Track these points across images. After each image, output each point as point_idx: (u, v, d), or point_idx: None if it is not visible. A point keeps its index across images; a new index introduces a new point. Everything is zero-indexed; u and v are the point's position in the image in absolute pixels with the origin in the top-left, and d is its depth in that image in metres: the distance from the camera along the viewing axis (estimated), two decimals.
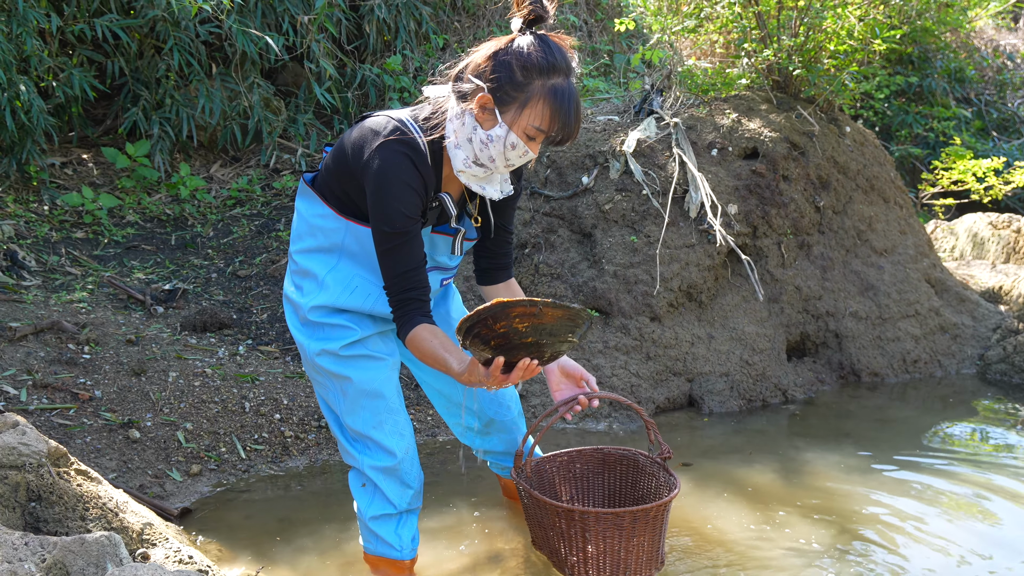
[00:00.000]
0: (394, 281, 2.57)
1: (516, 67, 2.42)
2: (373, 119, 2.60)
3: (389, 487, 2.79)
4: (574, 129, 2.49)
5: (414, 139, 2.53)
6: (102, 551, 2.21)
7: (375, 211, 2.52)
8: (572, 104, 2.46)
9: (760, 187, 4.92)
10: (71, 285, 5.01)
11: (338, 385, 2.76)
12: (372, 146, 2.53)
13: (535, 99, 2.45)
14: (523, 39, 2.46)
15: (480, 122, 2.50)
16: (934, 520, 3.39)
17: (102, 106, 6.83)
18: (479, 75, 2.47)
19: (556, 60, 2.44)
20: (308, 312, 2.73)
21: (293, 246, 2.83)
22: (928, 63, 8.30)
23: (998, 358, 5.08)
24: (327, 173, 2.71)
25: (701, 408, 4.55)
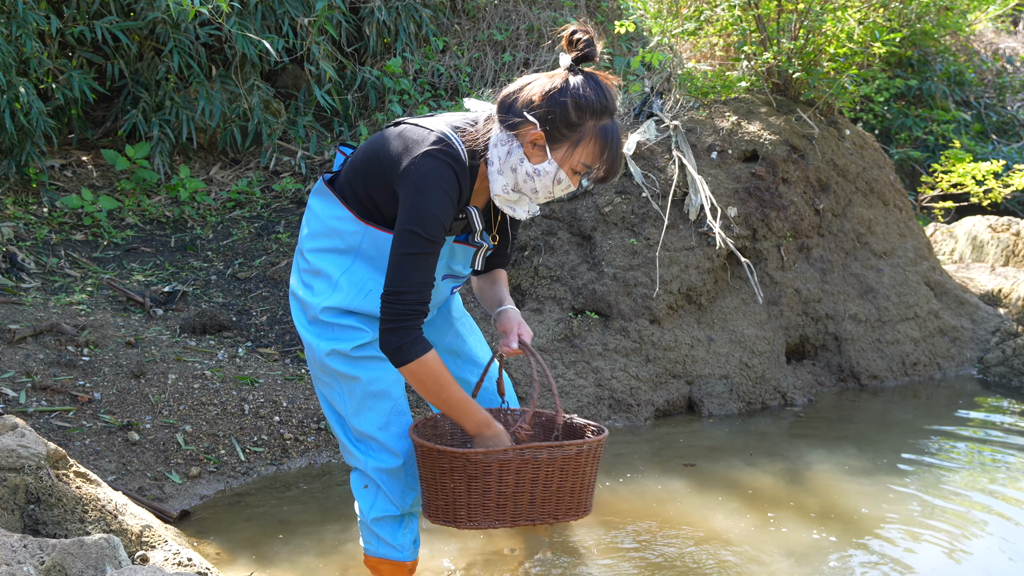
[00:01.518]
0: (410, 292, 2.50)
1: (571, 108, 2.47)
2: (413, 129, 2.58)
3: (392, 488, 2.77)
4: (618, 167, 2.56)
5: (457, 152, 2.53)
6: (101, 553, 2.20)
7: (411, 213, 2.49)
8: (618, 144, 2.53)
9: (760, 190, 4.93)
10: (70, 287, 5.01)
11: (345, 386, 2.73)
12: (414, 154, 2.51)
13: (587, 139, 2.51)
14: (576, 79, 2.51)
15: (528, 155, 2.53)
16: (935, 522, 3.39)
17: (102, 108, 6.83)
18: (532, 110, 2.51)
19: (607, 102, 2.51)
20: (320, 312, 2.70)
21: (305, 244, 2.78)
22: (928, 66, 8.30)
23: (997, 361, 5.08)
24: (351, 175, 2.69)
25: (701, 411, 4.55)
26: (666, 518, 3.43)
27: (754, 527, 3.35)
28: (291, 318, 4.87)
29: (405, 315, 2.49)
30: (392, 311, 2.49)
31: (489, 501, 2.52)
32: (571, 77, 2.51)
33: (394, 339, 2.50)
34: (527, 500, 2.52)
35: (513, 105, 2.53)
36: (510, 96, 2.55)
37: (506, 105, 2.54)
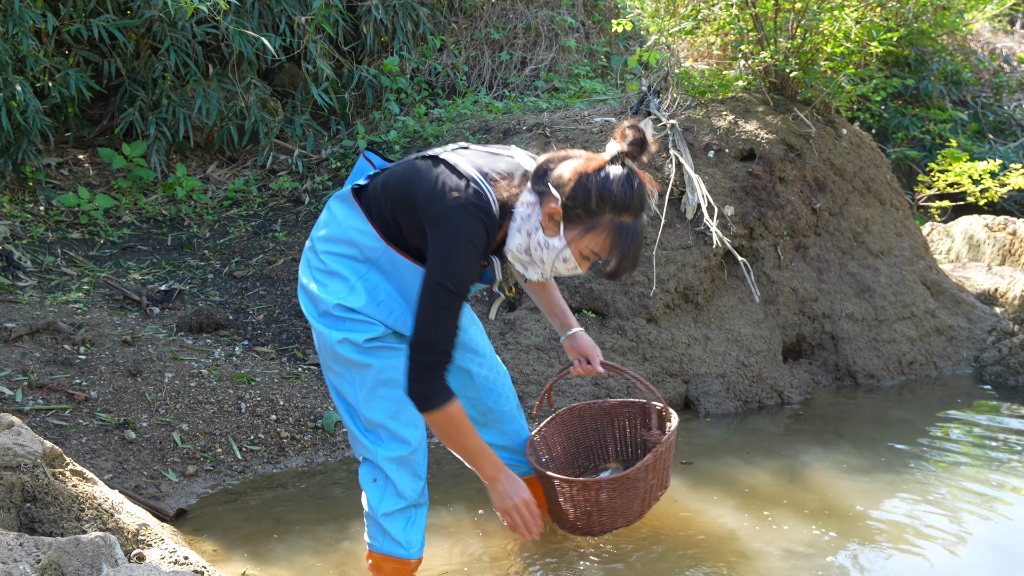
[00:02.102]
0: (439, 339, 2.59)
1: (594, 195, 2.51)
2: (449, 175, 2.59)
3: (401, 478, 2.77)
4: (629, 266, 2.58)
5: (489, 205, 2.57)
6: (97, 552, 2.20)
7: (442, 267, 2.54)
8: (633, 244, 2.55)
9: (757, 189, 4.93)
10: (67, 286, 5.00)
11: (356, 373, 2.74)
12: (448, 203, 2.53)
13: (600, 229, 2.54)
14: (613, 169, 2.53)
15: (543, 227, 2.58)
16: (931, 521, 3.39)
17: (98, 106, 6.82)
18: (558, 186, 2.55)
19: (632, 200, 2.52)
20: (332, 308, 2.73)
21: (320, 245, 2.79)
22: (925, 65, 8.31)
23: (993, 360, 5.09)
24: (381, 195, 2.70)
25: (697, 409, 4.55)
26: (663, 516, 3.43)
27: (751, 525, 3.36)
28: (287, 317, 4.87)
29: (432, 365, 2.59)
30: (419, 361, 2.58)
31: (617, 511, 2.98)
32: (609, 166, 2.55)
33: (420, 387, 2.60)
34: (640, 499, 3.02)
35: (546, 173, 2.58)
36: (548, 163, 2.61)
37: (541, 170, 2.60)
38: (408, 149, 6.20)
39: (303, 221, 5.93)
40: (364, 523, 3.34)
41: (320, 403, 4.19)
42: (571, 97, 7.00)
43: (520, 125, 5.50)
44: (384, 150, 6.37)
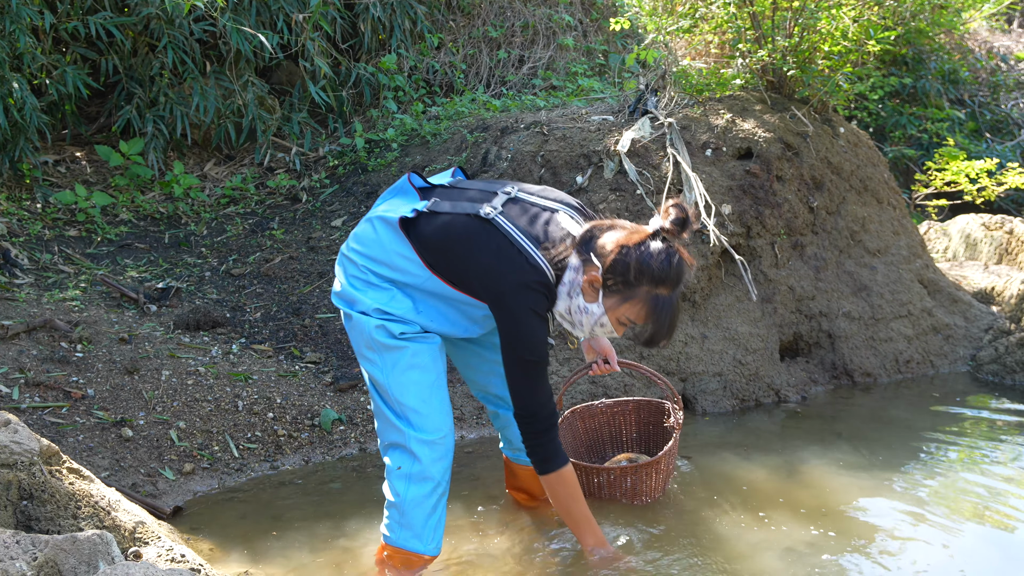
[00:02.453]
0: (540, 407, 2.78)
1: (633, 267, 2.65)
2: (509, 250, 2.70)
3: (431, 459, 2.83)
4: (664, 336, 2.73)
5: (548, 280, 2.71)
6: (94, 549, 2.20)
7: (518, 341, 2.71)
8: (668, 316, 2.70)
9: (754, 187, 4.93)
10: (64, 283, 5.00)
11: (389, 357, 2.83)
12: (510, 283, 2.68)
13: (637, 300, 2.69)
14: (654, 244, 2.67)
15: (583, 291, 2.71)
16: (928, 519, 3.39)
17: (96, 104, 6.81)
18: (601, 255, 2.68)
19: (670, 275, 2.66)
20: (371, 310, 2.83)
21: (359, 259, 2.89)
22: (922, 64, 8.31)
23: (990, 359, 5.09)
24: (434, 243, 2.78)
25: (695, 408, 4.55)
26: (662, 513, 3.43)
27: (748, 522, 3.36)
28: (285, 315, 4.87)
29: (542, 432, 2.80)
30: (530, 431, 2.81)
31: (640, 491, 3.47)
32: (650, 241, 2.68)
33: (539, 452, 2.83)
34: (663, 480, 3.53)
35: (591, 242, 2.71)
36: (594, 229, 2.74)
37: (586, 238, 2.73)
38: (406, 147, 6.20)
39: (300, 219, 5.93)
40: (361, 520, 3.34)
41: (317, 401, 4.19)
42: (569, 95, 6.99)
43: (518, 123, 5.50)
44: (382, 148, 6.37)
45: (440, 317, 2.89)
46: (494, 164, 5.25)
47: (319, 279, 5.19)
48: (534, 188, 2.92)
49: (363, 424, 4.15)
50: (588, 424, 3.88)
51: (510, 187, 2.88)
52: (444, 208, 2.80)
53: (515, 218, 2.76)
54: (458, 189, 2.91)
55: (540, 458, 2.84)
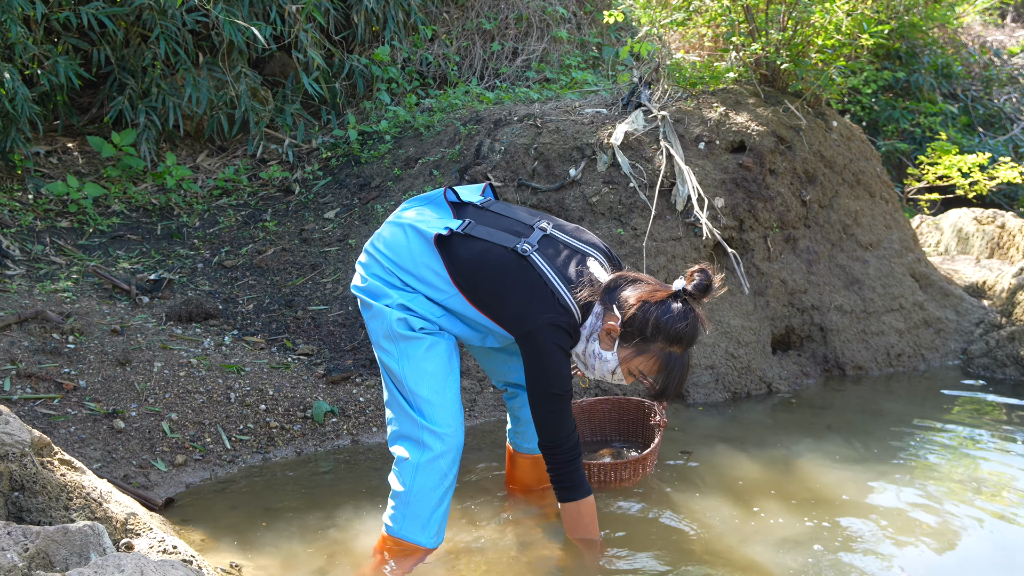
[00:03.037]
0: (565, 438, 2.87)
1: (651, 324, 2.75)
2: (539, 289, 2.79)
3: (441, 450, 2.87)
4: (672, 391, 2.83)
5: (575, 319, 2.80)
6: (85, 541, 2.20)
7: (545, 376, 2.80)
8: (679, 372, 2.80)
9: (747, 181, 4.94)
10: (55, 275, 4.99)
11: (406, 346, 2.88)
12: (540, 322, 2.77)
13: (651, 355, 2.79)
14: (675, 304, 2.77)
15: (600, 339, 2.82)
16: (919, 511, 3.41)
17: (88, 95, 6.79)
18: (622, 307, 2.76)
19: (685, 335, 2.77)
20: (395, 305, 2.89)
21: (386, 261, 2.94)
22: (915, 58, 8.32)
23: (981, 352, 5.11)
24: (468, 267, 2.85)
25: (686, 400, 4.56)
26: (652, 504, 3.45)
27: (740, 514, 3.37)
28: (277, 307, 4.87)
29: (567, 462, 2.90)
30: (556, 461, 2.90)
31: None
32: (672, 301, 2.78)
33: (563, 481, 2.93)
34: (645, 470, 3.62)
35: (615, 292, 2.81)
36: (620, 279, 2.83)
37: (611, 287, 2.82)
38: (399, 139, 6.19)
39: (293, 211, 5.92)
40: (353, 511, 3.35)
41: (310, 393, 4.19)
42: (562, 88, 6.99)
43: (511, 116, 5.49)
44: (375, 140, 6.36)
45: (460, 326, 2.98)
46: (487, 157, 5.25)
47: (312, 271, 5.18)
48: (569, 227, 3.01)
49: (355, 416, 4.15)
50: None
51: (545, 223, 2.96)
52: (480, 234, 2.88)
53: (550, 257, 2.84)
54: (492, 214, 2.99)
55: (564, 487, 2.94)
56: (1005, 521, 3.38)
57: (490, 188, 3.17)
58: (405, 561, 2.90)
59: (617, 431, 3.99)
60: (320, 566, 3.05)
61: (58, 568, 2.13)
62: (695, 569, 3.03)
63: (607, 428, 3.99)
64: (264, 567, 3.02)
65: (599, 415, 3.98)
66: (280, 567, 3.04)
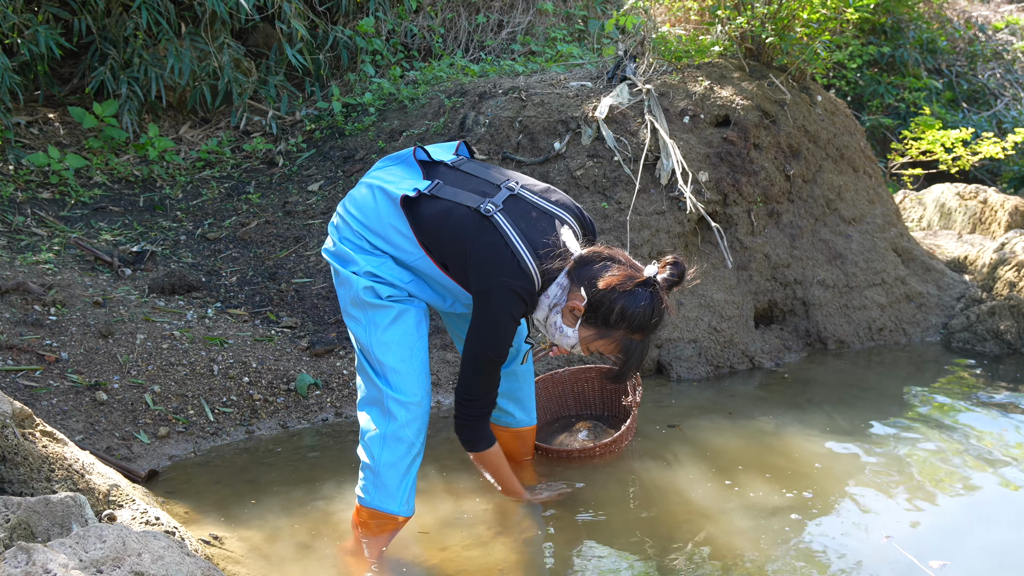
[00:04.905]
0: (483, 393, 2.90)
1: (616, 311, 2.70)
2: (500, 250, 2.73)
3: (406, 419, 2.87)
4: (629, 375, 2.85)
5: (533, 285, 2.76)
6: (67, 512, 2.21)
7: (485, 338, 2.79)
8: (638, 356, 2.80)
9: (731, 155, 4.94)
10: (37, 246, 4.96)
11: (374, 316, 2.88)
12: (497, 282, 2.73)
13: (612, 338, 2.77)
14: (643, 292, 2.71)
15: (564, 314, 2.79)
16: (899, 482, 3.45)
17: (69, 65, 6.72)
18: (590, 287, 2.72)
19: (649, 324, 2.73)
20: (362, 272, 2.88)
21: (355, 224, 2.92)
22: (901, 33, 8.32)
23: (961, 327, 5.15)
24: (431, 227, 2.82)
25: (669, 374, 4.59)
26: (634, 477, 3.47)
27: (720, 486, 3.40)
28: (261, 279, 4.86)
29: (474, 416, 2.94)
30: (466, 412, 2.93)
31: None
32: (640, 287, 2.71)
33: (469, 433, 2.98)
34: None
35: (585, 270, 2.74)
36: (592, 255, 2.76)
37: (582, 263, 2.76)
38: (383, 112, 6.16)
39: (277, 183, 5.89)
40: (336, 484, 3.36)
41: (293, 366, 4.19)
42: (548, 61, 6.96)
43: (496, 89, 5.47)
44: (359, 112, 6.33)
45: (428, 291, 2.96)
46: (472, 129, 5.23)
47: (295, 244, 5.17)
48: (538, 187, 2.93)
49: (339, 389, 4.15)
50: (552, 391, 3.97)
51: (513, 182, 2.89)
52: (446, 195, 2.83)
53: (515, 219, 2.78)
54: (462, 173, 2.93)
55: (468, 438, 2.99)
56: (985, 488, 3.43)
57: (464, 146, 3.10)
58: (383, 531, 2.91)
59: (601, 401, 4.00)
60: (303, 538, 3.06)
61: (40, 539, 2.14)
62: (676, 538, 3.05)
63: (589, 397, 4.01)
64: (247, 539, 3.04)
65: (582, 383, 4.00)
66: (263, 539, 3.05)
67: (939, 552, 2.96)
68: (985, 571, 2.91)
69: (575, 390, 4.00)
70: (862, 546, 3.04)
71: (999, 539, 3.09)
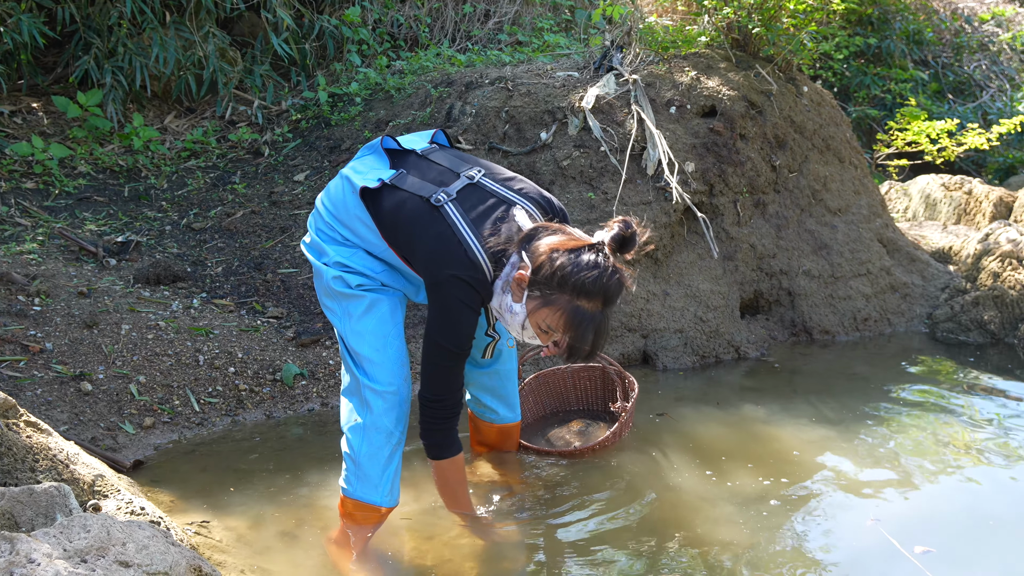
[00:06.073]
0: (449, 395, 2.78)
1: (558, 274, 2.55)
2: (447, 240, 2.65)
3: (382, 409, 2.84)
4: (582, 351, 2.62)
5: (484, 274, 2.64)
6: (51, 501, 2.20)
7: (443, 329, 2.69)
8: (589, 330, 2.59)
9: (717, 145, 4.95)
10: (21, 236, 4.93)
11: (348, 306, 2.85)
12: (446, 271, 2.63)
13: (557, 308, 2.58)
14: (588, 255, 2.56)
15: (512, 290, 2.65)
16: (880, 472, 3.47)
17: (52, 54, 6.68)
18: (533, 255, 2.60)
19: (593, 288, 2.54)
20: (332, 263, 2.85)
21: (329, 217, 2.90)
22: (887, 24, 8.34)
23: (945, 317, 5.17)
24: (389, 217, 2.76)
25: (655, 364, 4.60)
26: (618, 466, 3.48)
27: (704, 475, 3.41)
28: (246, 270, 4.85)
29: (444, 418, 2.81)
30: (432, 415, 2.81)
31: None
32: (587, 252, 2.57)
33: (437, 437, 2.85)
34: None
35: (530, 240, 2.63)
36: (539, 229, 2.65)
37: (528, 236, 2.64)
38: (369, 102, 6.15)
39: (262, 173, 5.87)
40: (321, 473, 3.36)
41: (279, 356, 4.18)
42: (534, 51, 6.95)
43: (482, 79, 5.46)
44: (345, 102, 6.31)
45: (401, 280, 2.93)
46: (458, 120, 5.22)
47: (281, 234, 5.15)
48: (502, 175, 2.85)
49: (325, 379, 4.15)
50: (553, 387, 3.97)
51: (475, 171, 2.81)
52: (406, 185, 2.77)
53: (467, 208, 2.70)
54: (428, 162, 2.86)
55: (435, 443, 2.86)
56: (970, 475, 3.45)
57: (441, 133, 3.03)
58: (368, 522, 2.91)
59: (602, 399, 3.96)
60: (288, 527, 3.06)
61: (24, 529, 2.13)
62: (663, 526, 3.07)
63: (591, 396, 3.98)
64: (232, 528, 3.03)
65: (585, 380, 3.97)
66: (248, 528, 3.05)
67: (923, 538, 2.98)
68: (967, 557, 2.93)
69: (577, 387, 3.98)
70: (847, 532, 3.06)
71: (983, 526, 3.11)
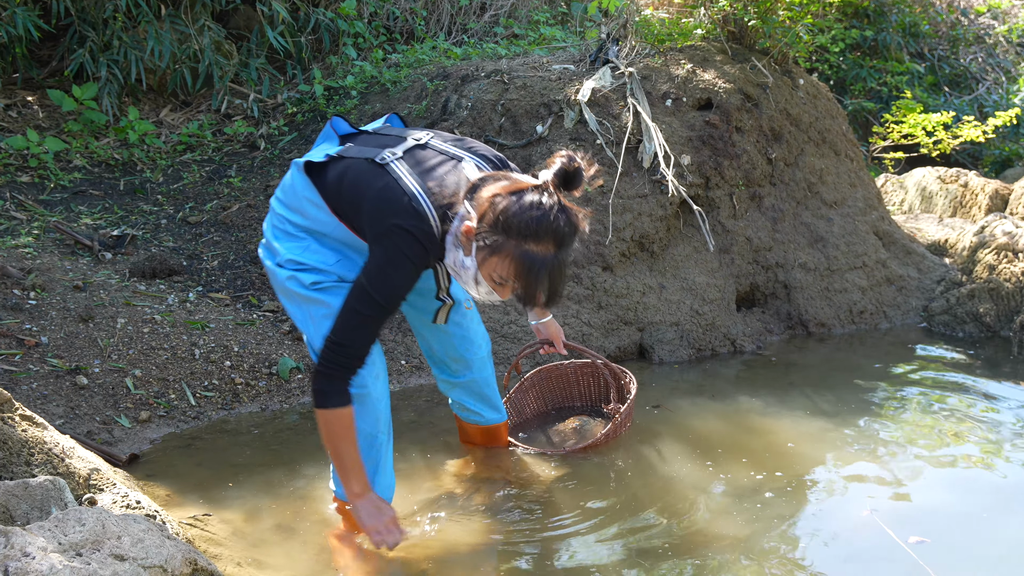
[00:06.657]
0: (354, 342, 2.58)
1: (500, 218, 2.40)
2: (391, 192, 2.53)
3: (360, 415, 2.74)
4: (536, 297, 2.47)
5: (430, 226, 2.50)
6: (46, 495, 2.20)
7: (375, 278, 2.52)
8: (543, 275, 2.42)
9: (713, 138, 4.95)
10: (16, 230, 4.92)
11: (307, 308, 2.75)
12: (389, 221, 2.49)
13: (504, 255, 2.43)
14: (530, 196, 2.42)
15: (462, 244, 2.50)
16: (875, 465, 3.47)
17: (47, 47, 6.66)
18: (476, 205, 2.45)
19: (539, 229, 2.39)
20: (285, 262, 2.76)
21: (279, 207, 2.82)
22: (883, 17, 8.34)
23: (941, 309, 5.18)
24: (334, 186, 2.67)
25: (651, 357, 4.60)
26: (615, 459, 3.48)
27: (699, 467, 3.42)
28: (242, 263, 4.85)
29: (341, 366, 2.59)
30: (331, 359, 2.58)
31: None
32: (530, 193, 2.43)
33: (324, 384, 2.60)
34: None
35: (475, 191, 2.48)
36: (484, 180, 2.50)
37: (473, 186, 2.50)
38: (365, 95, 6.14)
39: (258, 167, 5.87)
40: (317, 467, 3.36)
41: (275, 349, 4.18)
42: (530, 44, 6.94)
43: (478, 72, 5.46)
44: (341, 95, 6.30)
45: (355, 271, 2.75)
46: (454, 112, 5.22)
47: None
48: (451, 138, 2.76)
49: None
50: (556, 382, 3.95)
51: (423, 134, 2.73)
52: (351, 153, 2.68)
53: (412, 164, 2.61)
54: (377, 135, 2.79)
55: (321, 389, 2.61)
56: (964, 466, 3.46)
57: (396, 116, 2.96)
58: None
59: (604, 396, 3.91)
60: (284, 521, 3.06)
61: (19, 522, 2.13)
62: (658, 518, 3.07)
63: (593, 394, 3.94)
64: (229, 521, 3.03)
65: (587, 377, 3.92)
66: (244, 521, 3.05)
67: (918, 529, 2.99)
68: (962, 548, 2.94)
69: (581, 382, 3.95)
70: (842, 523, 3.07)
71: (978, 517, 3.12)
